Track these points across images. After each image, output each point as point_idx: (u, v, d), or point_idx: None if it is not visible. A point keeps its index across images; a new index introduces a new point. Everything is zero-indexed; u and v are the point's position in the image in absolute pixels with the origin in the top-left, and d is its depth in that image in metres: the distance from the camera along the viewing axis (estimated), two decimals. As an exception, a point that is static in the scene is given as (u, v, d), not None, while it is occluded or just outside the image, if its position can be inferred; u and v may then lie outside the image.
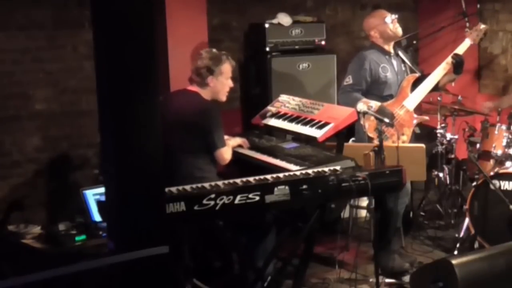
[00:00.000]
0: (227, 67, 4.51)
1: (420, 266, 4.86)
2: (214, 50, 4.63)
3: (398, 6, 6.62)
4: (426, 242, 5.56)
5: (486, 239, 5.03)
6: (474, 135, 5.67)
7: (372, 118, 4.59)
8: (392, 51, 5.12)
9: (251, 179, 3.75)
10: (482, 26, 5.23)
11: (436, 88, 5.20)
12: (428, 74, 5.09)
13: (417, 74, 5.10)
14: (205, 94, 4.50)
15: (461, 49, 5.12)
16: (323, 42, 6.31)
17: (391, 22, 5.03)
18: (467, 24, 6.53)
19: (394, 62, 5.11)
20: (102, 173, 4.46)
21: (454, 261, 3.68)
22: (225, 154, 4.42)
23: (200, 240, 4.53)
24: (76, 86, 5.68)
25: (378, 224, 4.28)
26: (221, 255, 4.74)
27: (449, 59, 5.07)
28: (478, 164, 5.18)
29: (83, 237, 4.44)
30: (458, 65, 5.07)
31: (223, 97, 4.58)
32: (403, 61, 5.15)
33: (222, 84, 4.51)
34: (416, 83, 5.06)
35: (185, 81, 4.67)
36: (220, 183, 3.68)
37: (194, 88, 4.53)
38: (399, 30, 5.07)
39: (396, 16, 5.07)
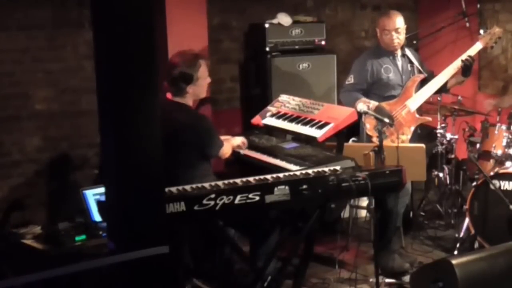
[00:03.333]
0: (203, 70, 4.32)
1: (420, 266, 4.85)
2: (185, 52, 4.36)
3: (398, 6, 6.59)
4: (426, 242, 5.55)
5: (486, 239, 5.02)
6: (474, 135, 5.66)
7: (373, 117, 4.59)
8: (398, 51, 5.10)
9: (251, 179, 3.74)
10: (497, 30, 5.17)
11: (444, 90, 5.18)
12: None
13: (423, 75, 5.07)
14: (186, 101, 4.33)
15: (471, 52, 5.06)
16: (323, 42, 6.30)
17: (387, 36, 5.00)
18: (467, 25, 6.53)
19: (399, 62, 5.09)
20: (102, 173, 4.45)
21: (454, 261, 3.67)
22: (225, 150, 4.41)
23: (200, 240, 4.52)
24: (76, 86, 5.69)
25: (378, 224, 4.28)
26: (221, 255, 4.73)
27: (458, 62, 5.01)
28: (478, 164, 5.18)
29: (83, 237, 4.43)
30: (467, 68, 5.02)
31: (203, 95, 4.46)
32: (411, 61, 5.13)
33: (201, 87, 4.35)
34: (422, 83, 5.04)
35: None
36: (220, 183, 3.67)
37: (173, 97, 4.31)
38: (395, 44, 5.00)
39: (399, 27, 5.00)
